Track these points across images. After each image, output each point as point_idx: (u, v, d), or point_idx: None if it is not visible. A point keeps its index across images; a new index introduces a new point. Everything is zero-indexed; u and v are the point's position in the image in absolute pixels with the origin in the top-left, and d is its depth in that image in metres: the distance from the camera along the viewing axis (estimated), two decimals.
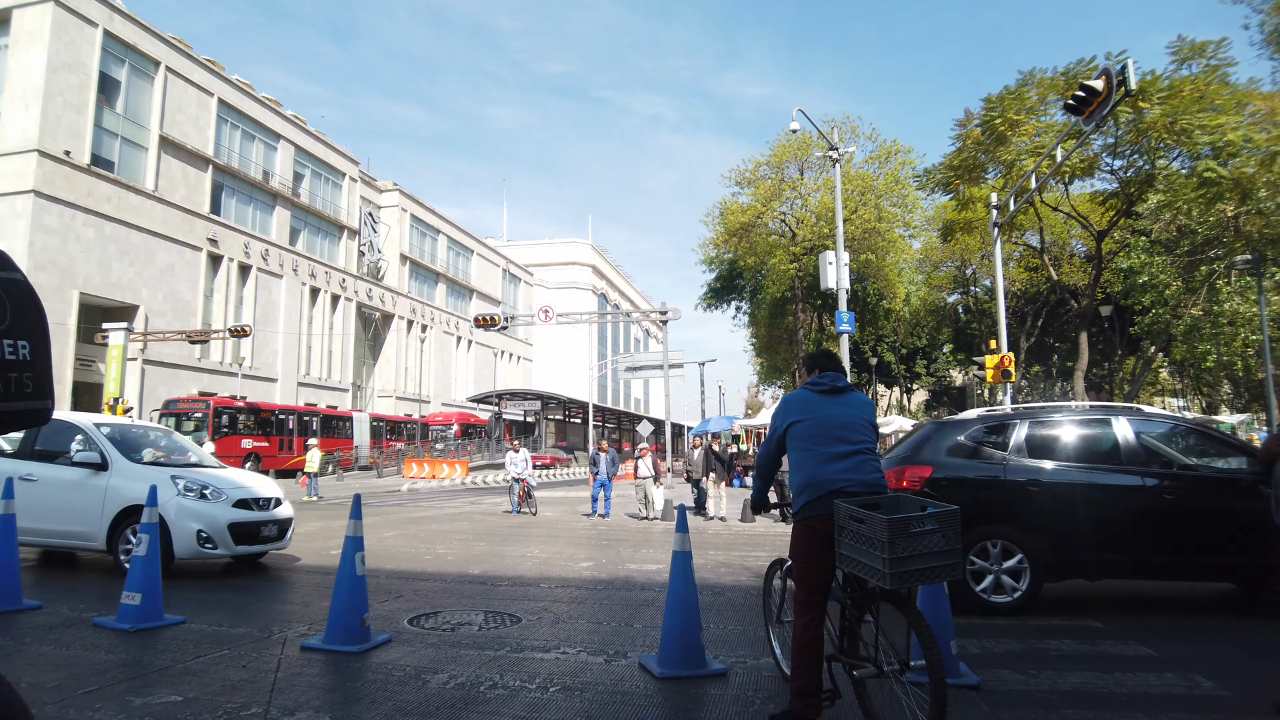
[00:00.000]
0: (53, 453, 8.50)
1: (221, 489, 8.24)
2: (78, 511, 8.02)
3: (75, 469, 8.18)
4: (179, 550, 7.81)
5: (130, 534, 7.72)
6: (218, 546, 7.96)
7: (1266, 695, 4.22)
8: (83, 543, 8.09)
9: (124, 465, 8.17)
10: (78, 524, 8.02)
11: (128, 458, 8.35)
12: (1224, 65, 18.03)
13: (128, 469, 8.16)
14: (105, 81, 34.83)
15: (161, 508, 7.29)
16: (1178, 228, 26.18)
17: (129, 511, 7.81)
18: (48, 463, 8.33)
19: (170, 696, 4.20)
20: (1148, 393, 44.26)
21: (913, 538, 3.25)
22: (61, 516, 8.10)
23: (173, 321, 37.23)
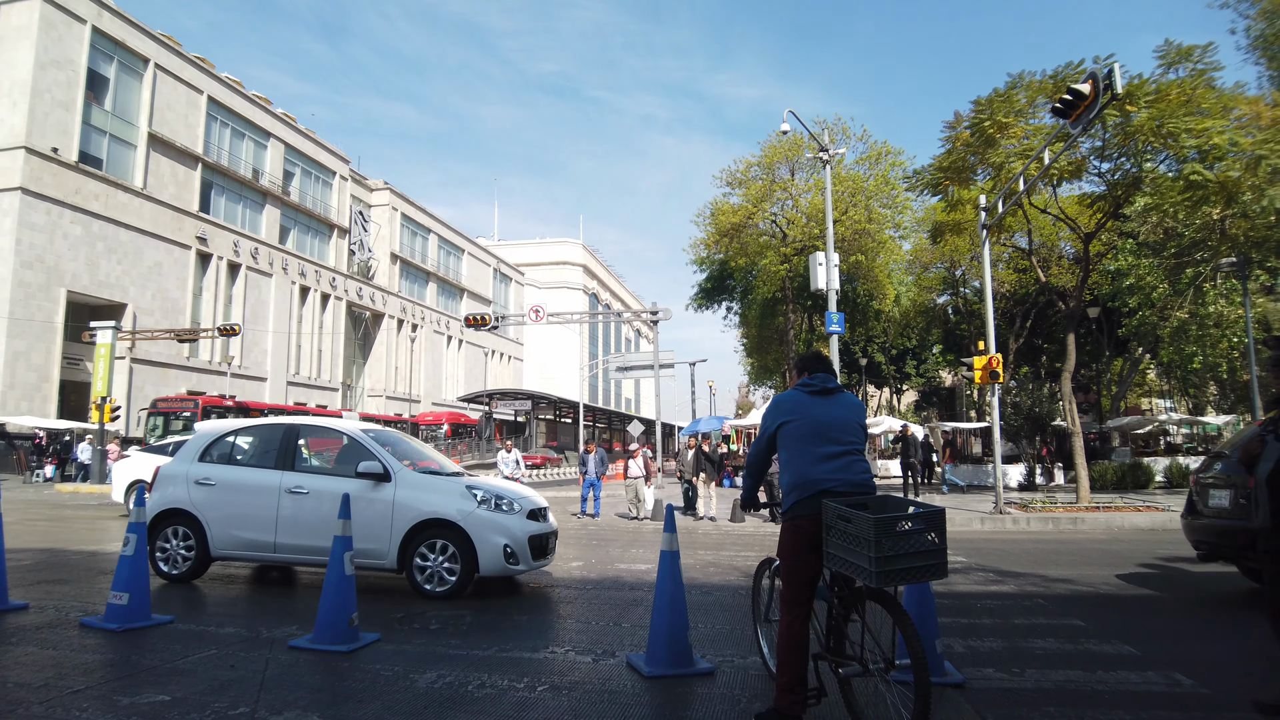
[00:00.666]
0: (318, 464, 7.99)
1: (514, 499, 7.53)
2: (362, 527, 6.95)
3: (352, 480, 7.31)
4: (484, 567, 7.08)
5: (426, 551, 7.14)
6: (519, 562, 7.22)
7: (1245, 693, 4.28)
8: (368, 561, 7.15)
9: (407, 475, 7.42)
10: (362, 541, 6.94)
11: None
12: (1210, 69, 18.16)
13: (411, 479, 7.41)
14: (94, 78, 34.64)
15: (463, 521, 7.02)
16: (1164, 230, 26.38)
17: (421, 526, 7.15)
18: (318, 474, 7.64)
19: (158, 696, 4.20)
20: (1134, 394, 44.58)
21: (899, 537, 3.29)
22: None
23: (161, 320, 37.05)
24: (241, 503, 7.52)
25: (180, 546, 7.62)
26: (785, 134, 23.09)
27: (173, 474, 7.82)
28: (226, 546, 7.51)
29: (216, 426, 8.28)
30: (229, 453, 7.96)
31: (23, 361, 31.09)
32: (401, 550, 7.13)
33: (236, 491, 7.58)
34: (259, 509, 7.43)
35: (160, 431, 31.02)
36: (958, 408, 48.10)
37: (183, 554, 7.59)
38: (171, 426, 31.00)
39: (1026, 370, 40.28)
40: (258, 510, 7.44)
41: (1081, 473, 17.11)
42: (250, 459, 7.94)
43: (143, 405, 33.42)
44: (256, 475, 7.64)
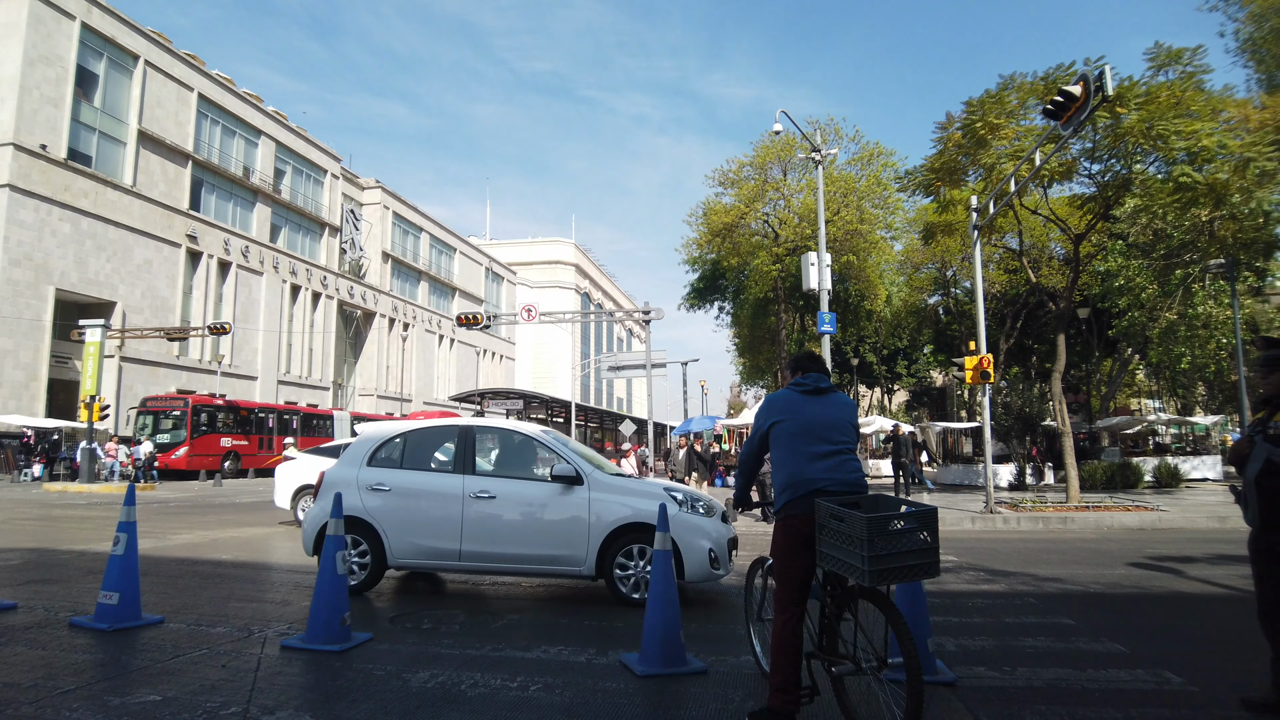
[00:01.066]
0: (498, 466, 7.66)
1: (708, 502, 7.26)
2: (554, 534, 6.86)
3: (542, 484, 7.06)
4: (690, 573, 6.75)
5: (624, 559, 6.84)
6: (720, 566, 6.90)
7: (1233, 690, 4.32)
8: (563, 567, 6.92)
9: (600, 477, 7.10)
10: (557, 546, 6.84)
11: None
12: (1200, 72, 18.27)
13: (604, 481, 7.08)
14: (83, 75, 34.42)
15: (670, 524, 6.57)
16: (1154, 232, 26.52)
17: (619, 531, 6.83)
18: (503, 478, 7.26)
19: (149, 696, 4.18)
20: (1124, 395, 44.84)
21: (891, 536, 3.31)
22: (532, 539, 6.94)
23: (151, 318, 36.85)
24: (422, 509, 7.12)
25: (354, 556, 7.14)
26: (778, 134, 23.12)
27: (342, 480, 7.35)
28: (406, 555, 7.10)
29: (384, 429, 7.84)
30: (399, 456, 7.57)
31: (10, 360, 30.87)
32: (599, 556, 6.82)
33: (416, 497, 7.17)
34: (442, 515, 7.05)
35: (150, 431, 30.85)
36: (948, 408, 48.29)
37: (357, 564, 7.14)
38: (161, 425, 30.86)
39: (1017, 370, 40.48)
40: (441, 517, 7.05)
41: (1071, 472, 17.20)
42: (425, 462, 7.60)
43: (132, 404, 33.26)
44: (437, 480, 7.26)
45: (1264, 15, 22.75)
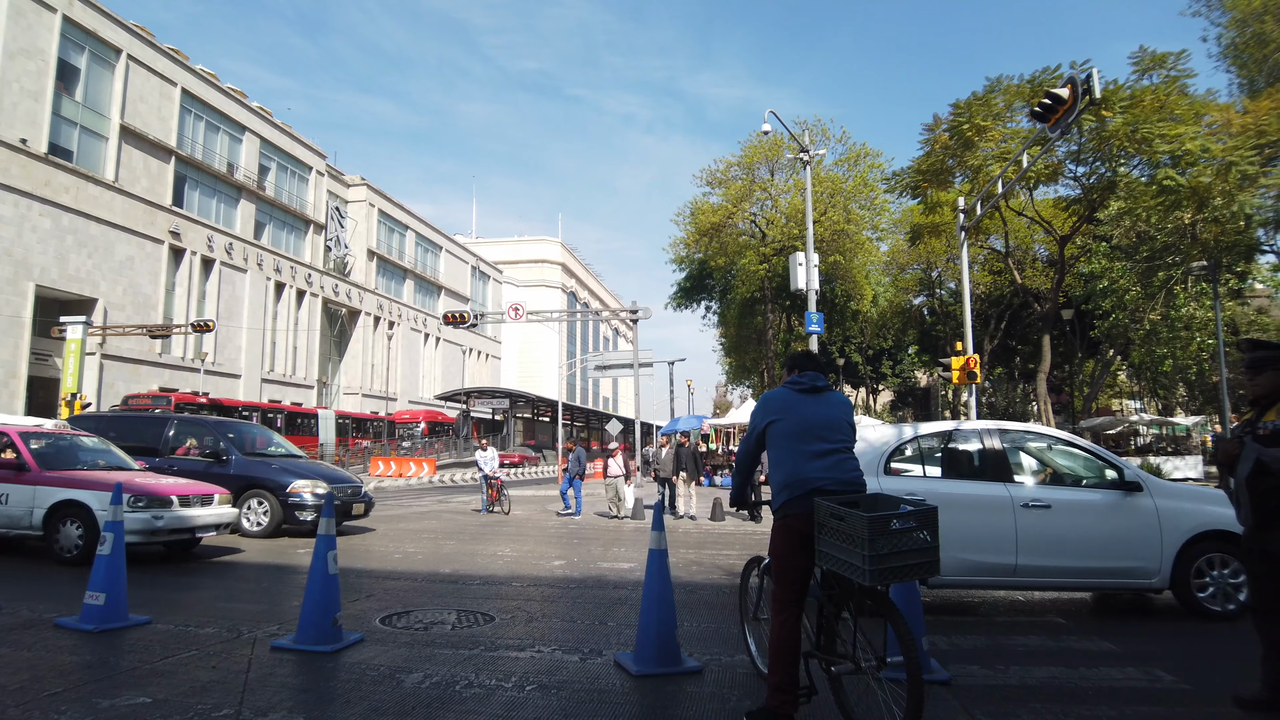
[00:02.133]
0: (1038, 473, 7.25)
1: None
2: (1124, 544, 6.33)
3: (1098, 492, 6.59)
4: None
5: (1205, 566, 6.37)
6: None
7: (1224, 688, 4.35)
8: (1130, 580, 6.42)
9: (1158, 483, 6.59)
10: (1125, 558, 6.33)
11: None
12: (1183, 76, 18.50)
13: (1165, 487, 6.60)
14: (64, 69, 33.99)
15: None
16: (1137, 234, 26.81)
17: (1196, 539, 6.31)
18: (1053, 485, 6.89)
19: (138, 698, 4.12)
20: (1106, 395, 45.26)
21: (892, 535, 3.31)
22: (1096, 551, 6.37)
23: (133, 315, 36.44)
24: (967, 521, 6.39)
25: None
26: (766, 134, 23.18)
27: None
28: (951, 572, 6.34)
29: (887, 434, 7.30)
30: (916, 463, 7.10)
31: None
32: (1175, 566, 6.30)
33: (958, 508, 6.39)
34: (992, 527, 6.42)
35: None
36: (933, 408, 48.57)
37: None
38: None
39: (1001, 371, 40.78)
40: (991, 529, 6.42)
41: None
42: (951, 469, 7.04)
43: (114, 402, 32.86)
44: (978, 488, 6.64)
45: (1245, 21, 23.03)
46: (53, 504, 8.39)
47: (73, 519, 8.34)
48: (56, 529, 8.38)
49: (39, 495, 8.45)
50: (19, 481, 8.54)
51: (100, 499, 8.17)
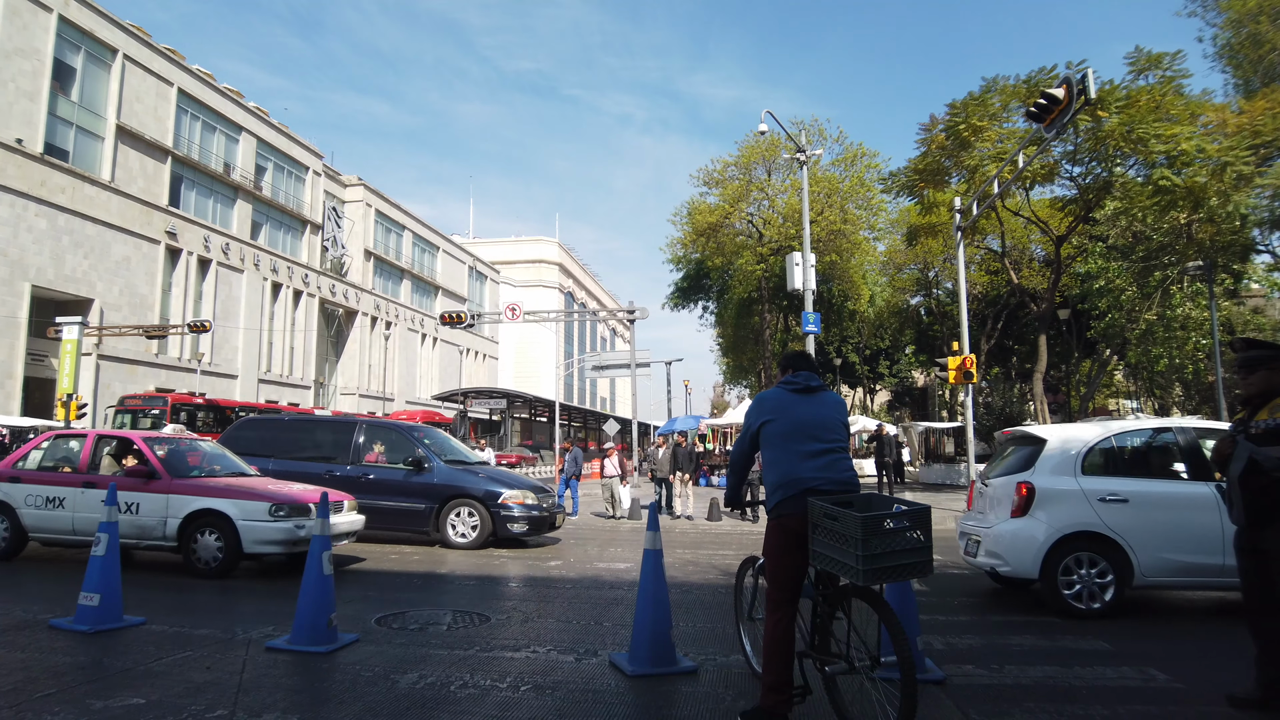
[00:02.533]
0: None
1: None
2: None
3: None
4: None
5: None
6: None
7: (1217, 687, 4.37)
8: None
9: None
10: None
11: None
12: (1179, 77, 18.53)
13: None
14: (60, 68, 33.89)
15: None
16: (1133, 234, 26.85)
17: None
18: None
19: (132, 699, 4.12)
20: (1102, 395, 45.34)
21: (885, 535, 3.31)
22: None
23: (129, 316, 36.35)
24: (1174, 521, 6.43)
25: (1093, 576, 6.47)
26: (763, 134, 23.18)
27: (1059, 491, 6.67)
28: (1158, 572, 6.40)
29: (1090, 433, 7.09)
30: (1113, 462, 6.96)
31: None
32: None
33: (1165, 508, 6.49)
34: (1200, 527, 6.34)
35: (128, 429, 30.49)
36: (930, 407, 48.63)
37: (1098, 584, 6.46)
38: (139, 425, 30.47)
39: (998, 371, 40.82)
40: (1199, 529, 6.35)
41: None
42: (1146, 469, 6.99)
43: (110, 403, 32.79)
44: (1184, 489, 6.62)
45: (1240, 21, 23.07)
46: (188, 513, 7.99)
47: (210, 529, 7.94)
48: (193, 540, 7.97)
49: (172, 504, 8.04)
50: (149, 490, 8.11)
51: (242, 508, 7.89)
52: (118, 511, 5.92)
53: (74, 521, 8.28)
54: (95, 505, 7.79)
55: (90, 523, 7.59)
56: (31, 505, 8.43)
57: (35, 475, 8.63)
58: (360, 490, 10.22)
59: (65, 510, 8.33)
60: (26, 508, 8.44)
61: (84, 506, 8.16)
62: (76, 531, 8.27)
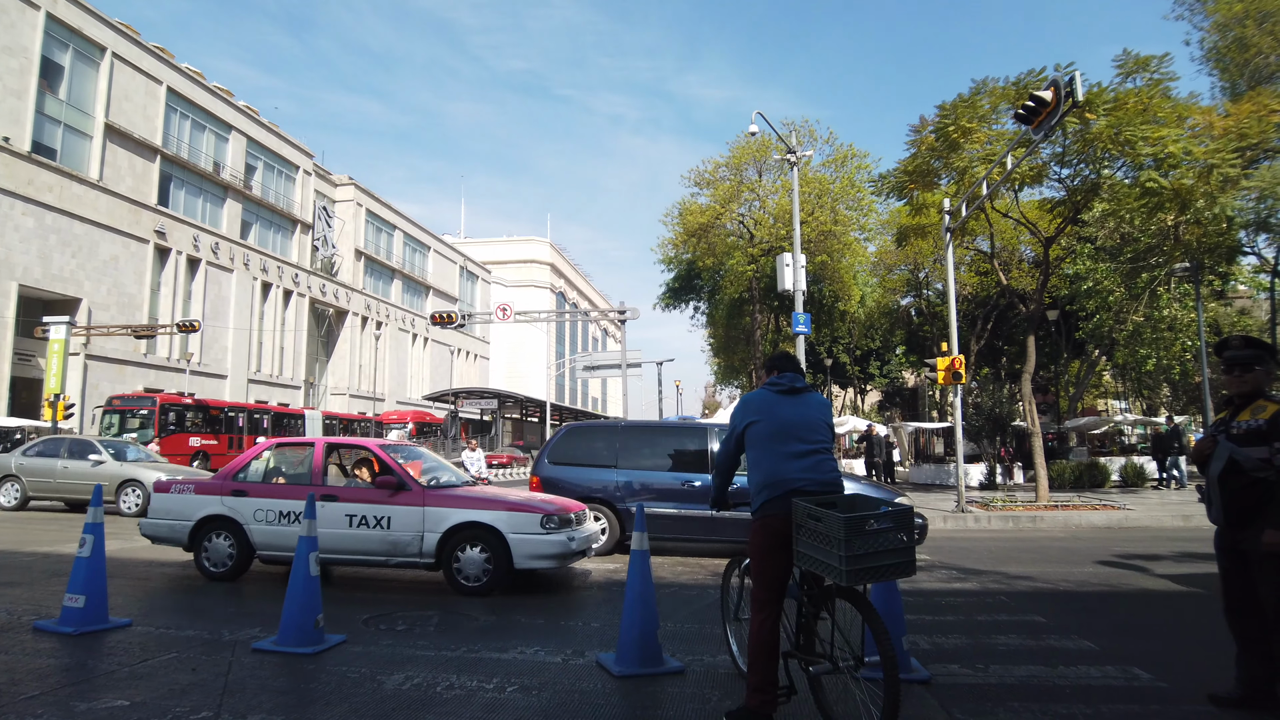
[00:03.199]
0: None
1: None
2: None
3: None
4: None
5: None
6: None
7: (1199, 686, 4.40)
8: None
9: None
10: None
11: None
12: (1166, 79, 18.62)
13: None
14: (48, 66, 33.70)
15: None
16: (1121, 236, 27.02)
17: None
18: None
19: (117, 701, 4.10)
20: (1091, 395, 45.58)
21: (868, 535, 3.33)
22: None
23: (117, 315, 36.16)
24: None
25: None
26: (753, 135, 23.23)
27: None
28: None
29: None
30: None
31: None
32: None
33: None
34: None
35: (116, 430, 30.32)
36: (920, 408, 48.78)
37: None
38: (128, 425, 30.32)
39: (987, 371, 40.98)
40: None
41: (1040, 472, 17.45)
42: None
43: (98, 403, 32.61)
44: None
45: (1227, 25, 23.23)
46: (450, 527, 7.36)
47: (475, 543, 7.32)
48: (456, 555, 7.34)
49: (429, 518, 7.39)
50: (398, 503, 7.47)
51: (512, 520, 7.29)
52: (102, 513, 5.87)
53: None
54: (337, 520, 7.46)
55: (332, 540, 7.39)
56: (261, 521, 7.73)
57: (264, 488, 7.94)
58: None
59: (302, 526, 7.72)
60: (256, 523, 7.74)
61: (324, 522, 7.35)
62: None
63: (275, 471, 8.44)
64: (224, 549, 7.81)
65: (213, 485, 8.05)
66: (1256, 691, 4.10)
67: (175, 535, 7.95)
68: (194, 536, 7.89)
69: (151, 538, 8.08)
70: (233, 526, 7.82)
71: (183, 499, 8.00)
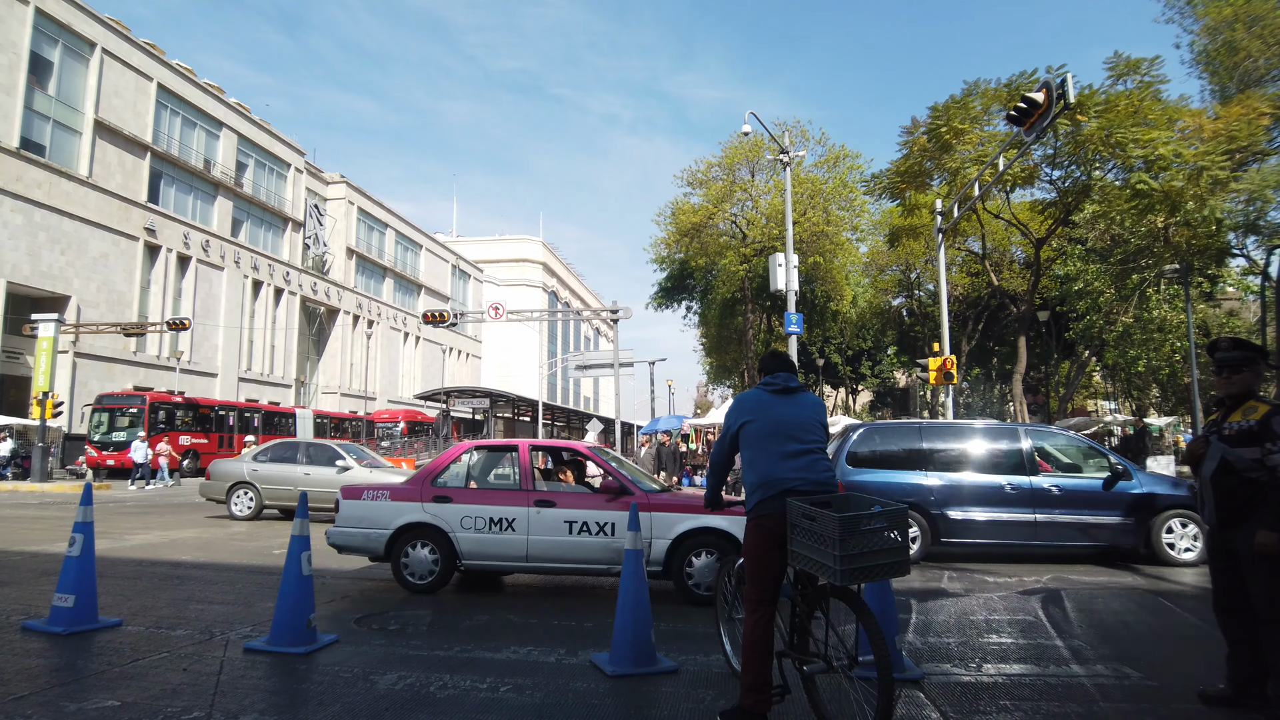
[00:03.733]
0: None
1: None
2: None
3: None
4: None
5: None
6: None
7: (1190, 685, 4.43)
8: None
9: None
10: None
11: None
12: (1157, 82, 18.77)
13: None
14: (36, 62, 33.43)
15: None
16: (1111, 237, 27.17)
17: None
18: None
19: (107, 701, 4.08)
20: (1081, 396, 45.83)
21: (863, 535, 3.34)
22: None
23: (107, 313, 35.92)
24: None
25: None
26: (746, 135, 23.25)
27: None
28: None
29: None
30: None
31: None
32: None
33: None
34: None
35: (105, 429, 30.14)
36: (911, 408, 48.94)
37: None
38: (117, 423, 30.15)
39: (978, 372, 41.16)
40: None
41: None
42: None
43: (87, 401, 32.40)
44: None
45: (1217, 29, 23.35)
46: (679, 533, 6.94)
47: (708, 550, 6.91)
48: (689, 561, 6.95)
49: (656, 524, 6.96)
50: (621, 508, 7.03)
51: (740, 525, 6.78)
52: (92, 512, 5.82)
53: (529, 547, 7.14)
54: (555, 527, 7.05)
55: (551, 548, 7.06)
56: (469, 529, 7.21)
57: (470, 494, 7.45)
58: (1046, 505, 9.27)
59: (516, 534, 7.16)
60: (463, 531, 7.22)
61: (541, 529, 7.07)
62: (531, 559, 7.16)
63: (477, 475, 8.09)
64: (426, 559, 7.29)
65: (410, 491, 7.52)
66: (1246, 690, 4.13)
67: (369, 545, 7.42)
68: (391, 546, 7.36)
69: (340, 547, 7.54)
70: (436, 535, 7.28)
71: (377, 506, 7.44)
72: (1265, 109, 18.90)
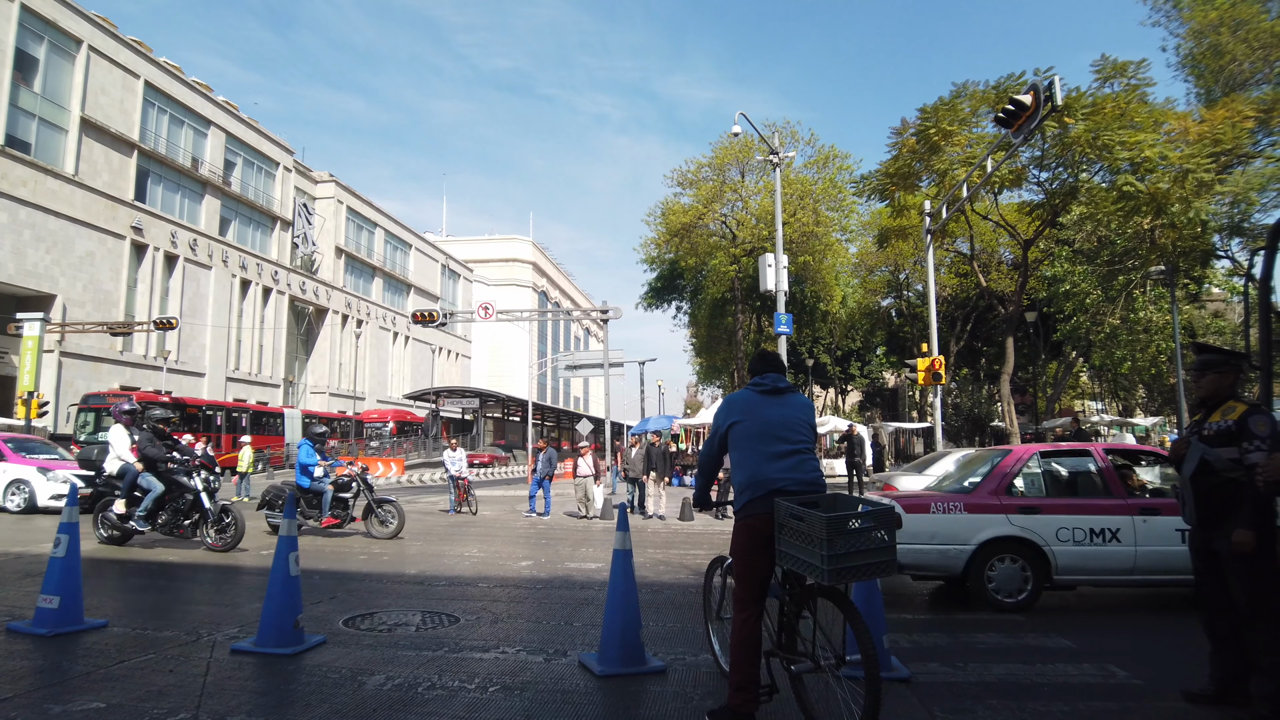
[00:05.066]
0: None
1: None
2: None
3: None
4: None
5: None
6: None
7: (1175, 683, 4.47)
8: None
9: None
10: None
11: None
12: (1143, 85, 18.91)
13: None
14: (22, 59, 33.15)
15: None
16: (1098, 239, 27.36)
17: None
18: None
19: (92, 703, 4.05)
20: (1068, 396, 46.12)
21: (850, 535, 3.35)
22: None
23: (93, 312, 35.66)
24: None
25: None
26: (736, 136, 23.29)
27: None
28: None
29: None
30: None
31: None
32: None
33: None
34: None
35: (91, 429, 29.91)
36: (900, 408, 49.13)
37: None
38: (103, 423, 29.91)
39: (966, 372, 41.36)
40: None
41: None
42: None
43: (73, 401, 32.16)
44: None
45: (1203, 32, 23.56)
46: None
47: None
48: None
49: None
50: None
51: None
52: (77, 512, 5.77)
53: (1135, 559, 6.68)
54: (1169, 537, 6.49)
55: (1159, 559, 6.62)
56: (1066, 541, 6.71)
57: (1059, 504, 6.92)
58: None
59: (1121, 545, 6.70)
60: (1059, 544, 6.71)
61: (1149, 539, 6.63)
62: (1137, 570, 6.70)
63: (1048, 482, 7.55)
64: (1017, 575, 6.77)
65: (986, 503, 6.97)
66: (1230, 688, 4.17)
67: (947, 562, 6.84)
68: (972, 562, 6.82)
69: (910, 566, 6.91)
70: (1026, 549, 6.78)
71: (952, 520, 6.88)
72: (1250, 112, 19.08)
